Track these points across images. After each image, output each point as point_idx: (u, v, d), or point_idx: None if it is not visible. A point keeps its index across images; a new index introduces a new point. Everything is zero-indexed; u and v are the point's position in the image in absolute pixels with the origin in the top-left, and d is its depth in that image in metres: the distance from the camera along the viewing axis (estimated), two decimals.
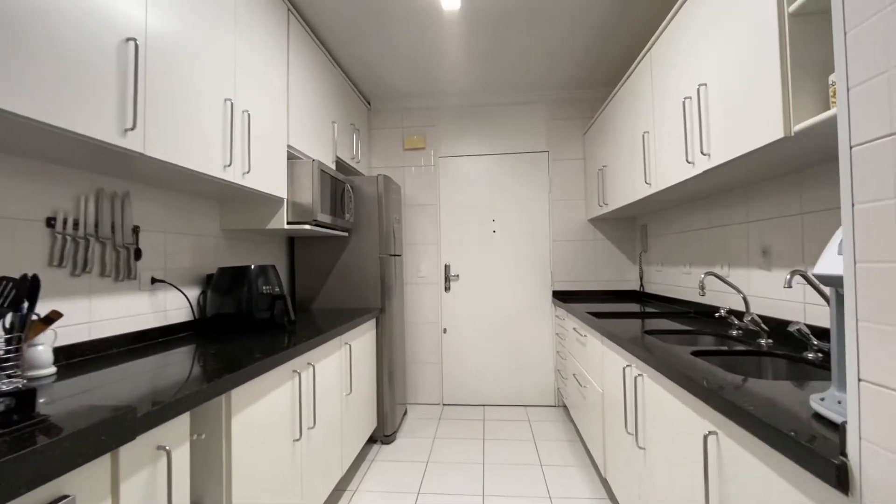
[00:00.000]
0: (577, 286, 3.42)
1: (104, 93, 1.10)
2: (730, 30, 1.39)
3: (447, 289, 3.52)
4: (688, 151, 1.67)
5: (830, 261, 0.81)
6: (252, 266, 1.96)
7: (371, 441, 2.80)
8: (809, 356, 1.34)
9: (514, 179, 3.50)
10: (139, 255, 1.61)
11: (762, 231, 1.76)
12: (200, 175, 1.49)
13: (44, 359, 1.14)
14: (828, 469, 0.66)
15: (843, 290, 0.67)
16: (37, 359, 1.13)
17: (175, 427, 0.99)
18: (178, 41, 1.38)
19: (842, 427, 0.66)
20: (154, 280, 1.69)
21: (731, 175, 1.65)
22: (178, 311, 1.83)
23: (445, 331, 3.52)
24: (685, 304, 2.48)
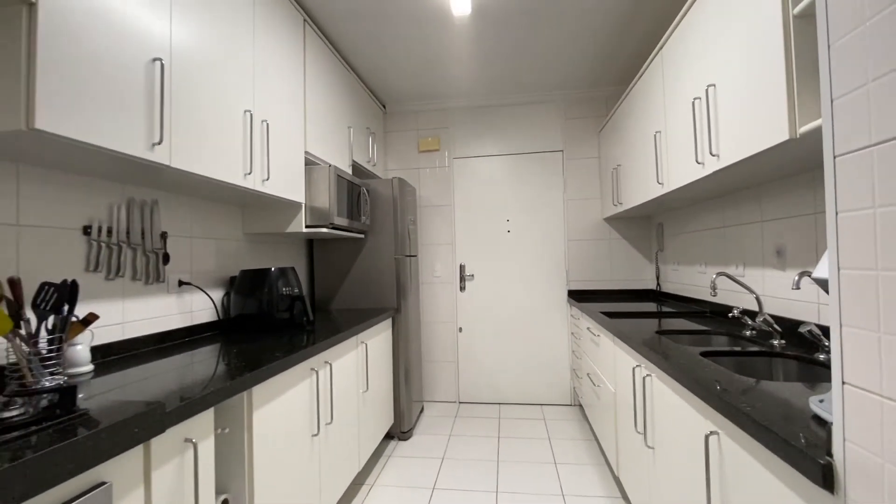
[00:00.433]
0: (593, 285, 3.41)
1: (134, 111, 1.19)
2: (736, 30, 1.38)
3: (462, 288, 3.56)
4: (697, 152, 1.67)
5: (826, 265, 0.83)
6: (272, 268, 2.04)
7: (388, 437, 2.87)
8: (821, 357, 1.33)
9: (529, 179, 3.51)
10: (167, 260, 1.71)
11: (776, 230, 1.74)
12: (222, 184, 1.58)
13: (82, 357, 1.24)
14: (814, 469, 0.68)
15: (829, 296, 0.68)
16: (76, 357, 1.23)
17: (201, 421, 1.07)
18: (200, 57, 1.46)
19: (828, 428, 0.68)
20: (181, 283, 1.79)
21: (742, 175, 1.64)
22: (204, 312, 1.93)
23: (461, 330, 3.56)
24: (701, 304, 2.46)
